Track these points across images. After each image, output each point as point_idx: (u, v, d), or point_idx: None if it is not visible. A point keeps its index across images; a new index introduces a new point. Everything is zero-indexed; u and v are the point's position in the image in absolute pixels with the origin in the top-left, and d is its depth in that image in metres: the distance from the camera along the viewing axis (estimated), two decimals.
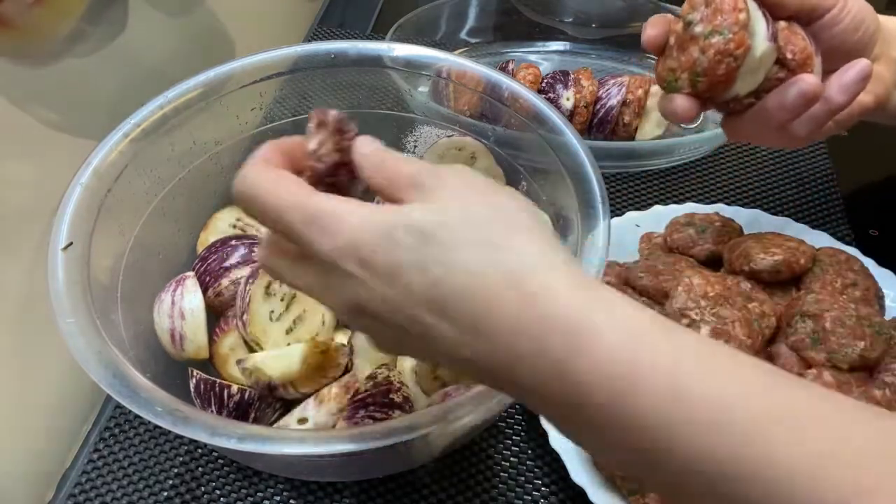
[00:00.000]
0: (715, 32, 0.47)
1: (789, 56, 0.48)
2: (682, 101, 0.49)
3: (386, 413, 0.47)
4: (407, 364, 0.53)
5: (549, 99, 0.76)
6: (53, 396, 0.56)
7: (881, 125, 0.84)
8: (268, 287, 0.51)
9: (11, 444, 0.52)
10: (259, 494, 0.53)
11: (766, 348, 0.56)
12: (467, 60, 0.59)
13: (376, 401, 0.47)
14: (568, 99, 0.77)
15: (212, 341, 0.53)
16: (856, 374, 0.52)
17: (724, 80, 0.48)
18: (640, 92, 0.77)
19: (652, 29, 0.49)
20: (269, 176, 0.32)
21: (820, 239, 0.66)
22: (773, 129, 0.50)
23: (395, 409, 0.48)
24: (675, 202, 0.74)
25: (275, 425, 0.51)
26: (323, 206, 0.30)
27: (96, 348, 0.40)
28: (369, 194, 0.33)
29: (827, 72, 0.50)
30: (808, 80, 0.47)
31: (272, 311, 0.52)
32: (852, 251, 0.63)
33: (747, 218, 0.68)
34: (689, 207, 0.69)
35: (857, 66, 0.48)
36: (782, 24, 0.49)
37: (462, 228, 0.29)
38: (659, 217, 0.69)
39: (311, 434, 0.44)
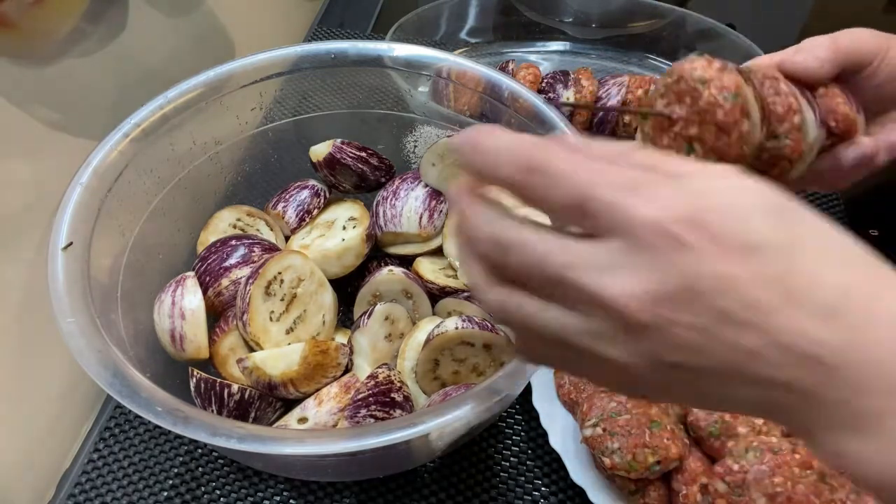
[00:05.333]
0: (770, 137, 0.44)
1: (832, 125, 0.46)
2: None
3: (387, 412, 0.47)
4: (407, 364, 0.53)
5: (549, 99, 0.76)
6: (53, 396, 0.56)
7: None
8: (268, 287, 0.51)
9: (11, 444, 0.52)
10: (259, 494, 0.53)
11: None
12: (467, 60, 0.59)
13: (378, 400, 0.47)
14: (568, 99, 0.77)
15: (212, 341, 0.53)
16: None
17: (778, 177, 0.46)
18: (640, 92, 0.77)
19: None
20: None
21: None
22: (823, 186, 0.50)
23: (396, 407, 0.48)
24: None
25: (275, 425, 0.51)
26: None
27: (96, 348, 0.40)
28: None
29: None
30: (866, 144, 0.46)
31: (272, 312, 0.52)
32: None
33: None
34: None
35: None
36: (821, 89, 0.47)
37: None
38: None
39: (311, 434, 0.44)
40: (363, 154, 0.60)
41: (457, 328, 0.50)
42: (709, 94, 0.42)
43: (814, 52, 0.46)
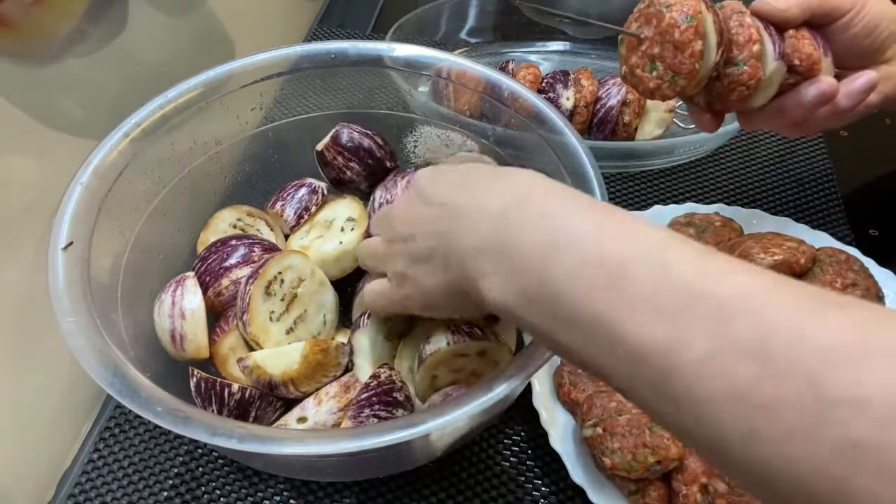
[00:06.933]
0: (730, 63, 0.49)
1: (796, 63, 0.50)
2: (709, 120, 0.54)
3: (390, 412, 0.47)
4: (405, 364, 0.53)
5: (549, 99, 0.76)
6: (53, 396, 0.56)
7: (884, 125, 0.84)
8: (268, 287, 0.51)
9: (11, 444, 0.52)
10: (259, 494, 0.53)
11: None
12: (467, 60, 0.59)
13: (381, 399, 0.47)
14: (568, 99, 0.77)
15: (212, 341, 0.53)
16: None
17: (739, 102, 0.51)
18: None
19: None
20: None
21: (820, 239, 0.66)
22: (788, 123, 0.53)
23: (398, 407, 0.48)
24: (675, 202, 0.74)
25: (274, 424, 0.51)
26: None
27: (96, 348, 0.40)
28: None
29: (841, 67, 0.53)
30: (826, 82, 0.50)
31: (272, 312, 0.52)
32: (852, 251, 0.63)
33: (747, 218, 0.68)
34: (689, 207, 0.69)
35: (864, 78, 0.51)
36: (791, 31, 0.50)
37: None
38: (659, 217, 0.69)
39: (311, 434, 0.44)
40: (368, 132, 0.61)
41: (448, 344, 0.49)
42: (670, 16, 0.47)
43: None
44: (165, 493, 0.53)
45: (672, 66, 0.48)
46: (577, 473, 0.51)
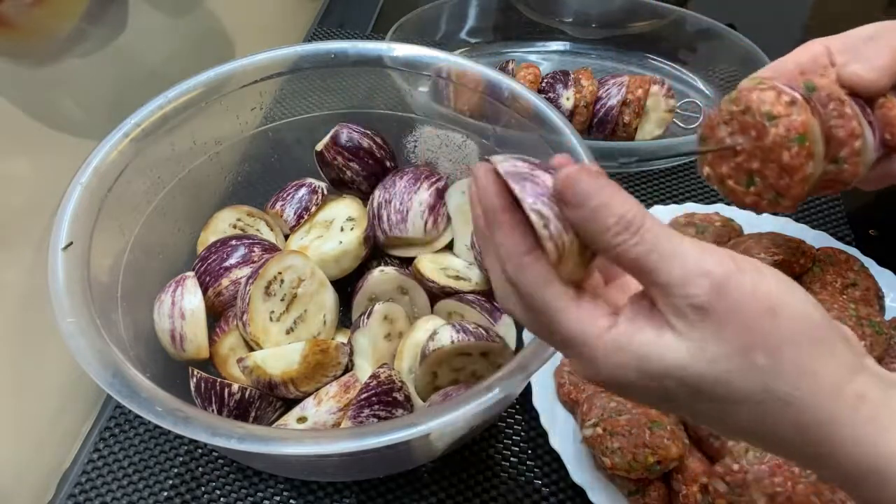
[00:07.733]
0: (830, 162, 0.44)
1: (887, 137, 0.46)
2: (790, 207, 0.49)
3: (389, 412, 0.47)
4: (404, 364, 0.53)
5: (549, 99, 0.76)
6: (53, 396, 0.56)
7: None
8: (268, 287, 0.51)
9: (11, 445, 0.52)
10: (259, 494, 0.53)
11: None
12: (467, 60, 0.59)
13: (381, 399, 0.47)
14: (568, 99, 0.77)
15: (212, 341, 0.53)
16: None
17: (833, 193, 0.48)
18: (639, 92, 0.77)
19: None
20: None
21: (820, 239, 0.66)
22: (867, 186, 0.50)
23: (398, 407, 0.48)
24: (675, 202, 0.74)
25: (274, 424, 0.51)
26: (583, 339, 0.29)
27: (96, 348, 0.40)
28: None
29: None
30: None
31: (272, 312, 0.52)
32: (852, 251, 0.63)
33: (747, 218, 0.68)
34: (689, 207, 0.69)
35: None
36: (879, 100, 0.47)
37: (737, 383, 0.27)
38: (659, 217, 0.68)
39: (311, 434, 0.44)
40: (367, 132, 0.61)
41: (452, 342, 0.49)
42: (776, 133, 0.40)
43: (872, 63, 0.46)
44: (165, 493, 0.53)
45: (776, 187, 0.42)
46: (577, 473, 0.51)
